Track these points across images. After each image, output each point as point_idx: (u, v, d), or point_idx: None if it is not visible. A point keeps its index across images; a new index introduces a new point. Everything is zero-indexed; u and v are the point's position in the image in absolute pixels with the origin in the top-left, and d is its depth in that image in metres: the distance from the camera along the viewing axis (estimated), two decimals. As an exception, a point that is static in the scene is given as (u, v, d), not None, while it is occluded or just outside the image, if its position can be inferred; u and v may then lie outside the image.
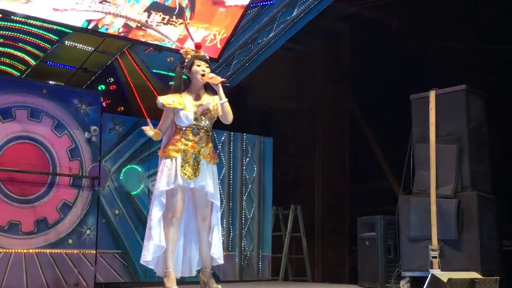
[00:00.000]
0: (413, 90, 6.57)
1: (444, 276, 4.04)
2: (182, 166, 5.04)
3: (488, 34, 7.93)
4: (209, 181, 5.13)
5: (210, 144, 5.26)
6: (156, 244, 5.04)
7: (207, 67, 5.21)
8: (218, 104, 5.17)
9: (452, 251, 5.92)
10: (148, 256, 5.04)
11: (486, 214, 6.05)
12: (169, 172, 5.04)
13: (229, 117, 5.19)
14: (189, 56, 5.25)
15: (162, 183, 5.03)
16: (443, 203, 5.99)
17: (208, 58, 5.32)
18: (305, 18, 7.92)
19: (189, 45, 5.39)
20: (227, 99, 5.15)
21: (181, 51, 5.31)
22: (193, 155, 5.10)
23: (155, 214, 5.05)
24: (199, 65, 5.18)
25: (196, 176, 5.08)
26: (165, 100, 5.14)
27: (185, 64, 5.26)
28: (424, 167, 6.22)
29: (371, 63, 8.86)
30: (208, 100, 5.24)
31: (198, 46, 5.31)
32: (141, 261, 5.18)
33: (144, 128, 5.14)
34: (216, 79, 5.10)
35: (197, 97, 5.23)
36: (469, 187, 6.04)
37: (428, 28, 8.41)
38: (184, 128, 5.13)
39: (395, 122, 7.46)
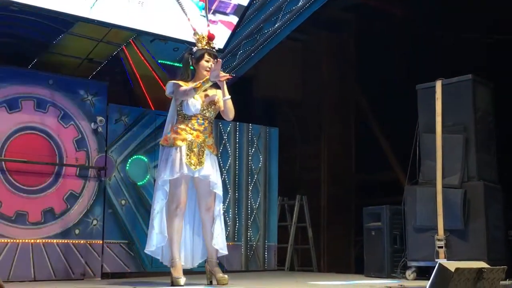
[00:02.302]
0: (419, 79, 6.55)
1: (452, 265, 4.04)
2: (187, 155, 5.06)
3: (496, 23, 7.90)
4: (212, 171, 5.14)
5: (213, 135, 5.29)
6: (159, 234, 5.06)
7: (214, 63, 5.21)
8: (221, 98, 5.20)
9: (458, 241, 5.93)
10: (151, 246, 5.08)
11: (492, 204, 6.05)
12: (174, 161, 5.05)
13: (230, 114, 5.22)
14: (199, 45, 5.25)
15: (166, 172, 5.04)
16: (449, 193, 5.99)
17: (216, 53, 5.32)
18: (311, 8, 7.90)
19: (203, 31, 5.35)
20: (230, 96, 5.17)
21: (194, 37, 5.31)
22: (198, 145, 5.11)
23: (158, 204, 5.08)
24: (207, 61, 5.20)
25: (201, 165, 5.09)
26: (177, 82, 5.16)
27: (194, 53, 5.26)
28: (430, 157, 6.21)
29: (376, 53, 8.84)
30: (213, 92, 5.26)
31: (211, 38, 5.30)
32: (146, 251, 5.22)
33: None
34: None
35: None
36: (475, 177, 6.03)
37: (434, 17, 8.38)
38: (189, 117, 5.14)
39: (401, 112, 7.45)
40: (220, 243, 5.19)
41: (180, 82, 5.19)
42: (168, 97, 5.31)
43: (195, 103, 5.12)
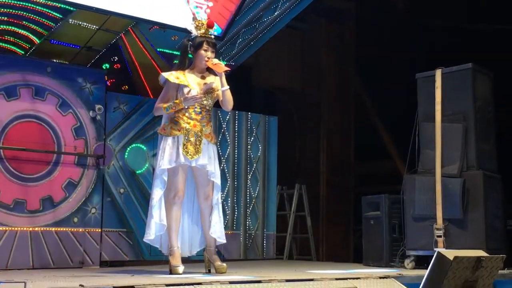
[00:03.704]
0: (419, 68, 6.53)
1: (450, 254, 4.04)
2: (184, 145, 5.05)
3: (496, 13, 7.88)
4: (209, 160, 5.13)
5: (211, 124, 5.27)
6: (157, 223, 5.06)
7: (212, 52, 5.18)
8: (220, 88, 5.18)
9: (457, 230, 5.92)
10: (150, 234, 5.07)
11: (491, 193, 6.04)
12: (170, 151, 5.04)
13: (229, 104, 5.20)
14: (199, 32, 5.21)
15: (163, 161, 5.03)
16: (448, 182, 5.98)
17: (215, 41, 5.28)
18: (311, -4, 7.87)
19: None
20: (228, 87, 5.14)
21: (194, 22, 5.26)
22: (195, 134, 5.09)
23: (157, 192, 5.07)
24: (206, 50, 5.16)
25: (198, 155, 5.07)
26: (169, 76, 5.13)
27: (192, 39, 5.23)
28: (430, 146, 6.20)
29: (376, 42, 8.82)
30: (211, 79, 5.23)
31: (210, 25, 5.26)
32: (145, 240, 5.21)
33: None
34: (219, 67, 5.08)
35: (201, 76, 5.22)
36: (474, 166, 6.02)
37: (434, 6, 8.36)
38: (186, 106, 5.12)
39: (400, 101, 7.45)
40: (217, 231, 5.18)
41: (173, 75, 5.13)
42: (163, 86, 5.28)
43: (191, 91, 5.09)
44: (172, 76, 5.14)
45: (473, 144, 6.06)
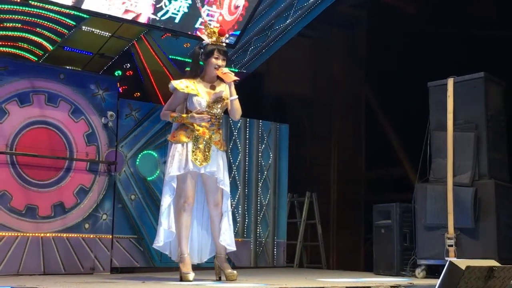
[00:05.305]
0: (431, 77, 6.52)
1: (462, 263, 4.02)
2: (193, 152, 5.05)
3: (508, 21, 7.84)
4: (218, 167, 5.13)
5: (221, 131, 5.27)
6: (166, 230, 5.06)
7: (223, 60, 5.19)
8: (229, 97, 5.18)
9: (469, 240, 5.90)
10: (159, 241, 5.08)
11: (503, 202, 6.02)
12: (180, 157, 5.05)
13: (237, 114, 5.20)
14: (210, 40, 5.22)
15: (173, 168, 5.05)
16: (460, 191, 5.96)
17: (226, 49, 5.29)
18: (322, 4, 7.89)
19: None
20: (237, 96, 5.15)
21: (206, 30, 5.27)
22: (204, 141, 5.10)
23: (165, 199, 5.08)
24: (217, 58, 5.16)
25: (207, 162, 5.08)
26: (178, 85, 5.14)
27: (204, 47, 5.23)
28: (441, 155, 6.19)
29: (388, 50, 8.80)
30: (221, 88, 5.24)
31: (222, 33, 5.27)
32: (154, 246, 5.22)
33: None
34: (228, 77, 5.08)
35: (211, 85, 5.23)
36: (486, 176, 6.00)
37: (446, 14, 8.33)
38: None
39: (412, 109, 7.42)
40: (227, 239, 5.18)
41: (183, 84, 5.13)
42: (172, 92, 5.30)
43: (200, 100, 5.10)
44: (182, 84, 5.14)
45: (485, 153, 6.05)
